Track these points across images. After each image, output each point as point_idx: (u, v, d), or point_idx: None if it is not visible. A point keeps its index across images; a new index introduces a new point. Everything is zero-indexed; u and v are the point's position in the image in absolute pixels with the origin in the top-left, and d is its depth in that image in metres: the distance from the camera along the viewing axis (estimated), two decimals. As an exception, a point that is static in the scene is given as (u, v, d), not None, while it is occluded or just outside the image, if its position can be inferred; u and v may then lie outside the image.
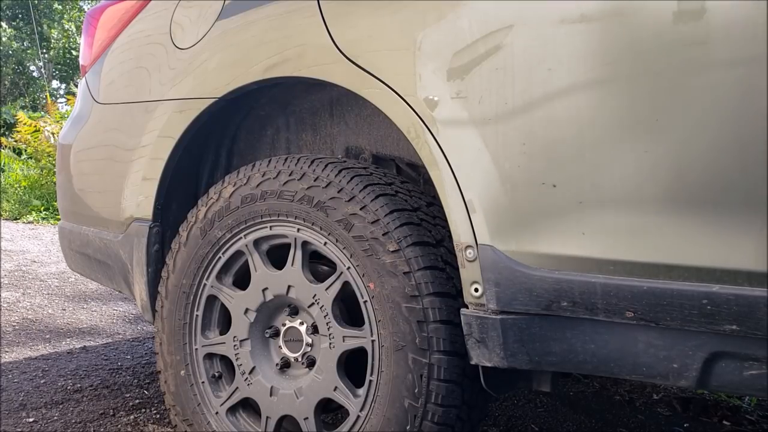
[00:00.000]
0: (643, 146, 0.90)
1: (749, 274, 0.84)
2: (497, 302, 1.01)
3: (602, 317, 0.94)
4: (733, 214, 0.85)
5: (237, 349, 1.35)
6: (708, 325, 0.86)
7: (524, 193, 1.00)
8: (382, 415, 1.15)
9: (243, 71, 1.36)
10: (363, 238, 1.16)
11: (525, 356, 1.02)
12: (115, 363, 2.26)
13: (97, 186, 1.80)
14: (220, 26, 1.45)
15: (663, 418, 2.00)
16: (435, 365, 1.10)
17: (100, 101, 1.81)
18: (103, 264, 1.77)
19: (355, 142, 1.55)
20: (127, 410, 1.84)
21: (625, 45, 0.91)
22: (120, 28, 1.75)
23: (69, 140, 1.92)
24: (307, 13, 1.27)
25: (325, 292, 1.23)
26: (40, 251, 4.64)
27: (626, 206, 0.92)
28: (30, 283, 3.53)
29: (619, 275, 0.92)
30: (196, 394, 1.40)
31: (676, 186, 0.88)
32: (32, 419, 1.74)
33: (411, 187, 1.27)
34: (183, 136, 1.48)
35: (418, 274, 1.11)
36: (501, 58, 1.01)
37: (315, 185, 1.23)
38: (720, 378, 0.90)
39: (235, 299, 1.36)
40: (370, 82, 1.16)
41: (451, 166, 1.05)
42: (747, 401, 2.13)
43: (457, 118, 1.05)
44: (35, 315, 2.89)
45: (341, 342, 1.21)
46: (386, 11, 1.16)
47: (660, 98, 0.89)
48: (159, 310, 1.47)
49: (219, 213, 1.36)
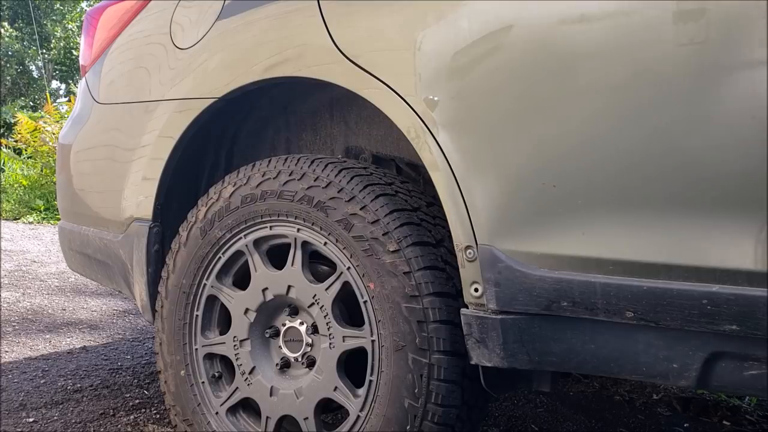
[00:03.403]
0: (643, 146, 0.90)
1: (749, 274, 0.84)
2: (497, 302, 1.01)
3: (602, 317, 0.94)
4: (733, 214, 0.85)
5: (237, 349, 1.35)
6: (708, 325, 0.86)
7: (524, 193, 1.00)
8: (382, 415, 1.15)
9: (243, 71, 1.36)
10: (363, 238, 1.16)
11: (525, 356, 1.02)
12: (115, 363, 2.26)
13: (97, 186, 1.80)
14: (220, 26, 1.45)
15: (663, 418, 2.00)
16: (435, 365, 1.10)
17: (100, 101, 1.81)
18: (103, 264, 1.77)
19: (355, 142, 1.55)
20: (127, 410, 1.84)
21: (626, 45, 0.91)
22: (120, 28, 1.75)
23: (69, 140, 1.92)
24: (307, 13, 1.27)
25: (325, 292, 1.23)
26: (40, 251, 4.64)
27: (626, 206, 0.92)
28: (30, 283, 3.53)
29: (619, 275, 0.92)
30: (196, 394, 1.40)
31: (677, 186, 0.88)
32: (32, 419, 1.74)
33: (411, 187, 1.27)
34: (183, 136, 1.48)
35: (418, 274, 1.11)
36: (501, 58, 1.01)
37: (315, 185, 1.23)
38: (720, 378, 0.90)
39: (235, 299, 1.36)
40: (370, 82, 1.16)
41: (451, 166, 1.05)
42: (747, 401, 2.13)
43: (458, 118, 1.05)
44: (35, 315, 2.89)
45: (341, 342, 1.21)
46: (386, 11, 1.16)
47: (660, 98, 0.89)
48: (159, 310, 1.47)
49: (219, 213, 1.36)
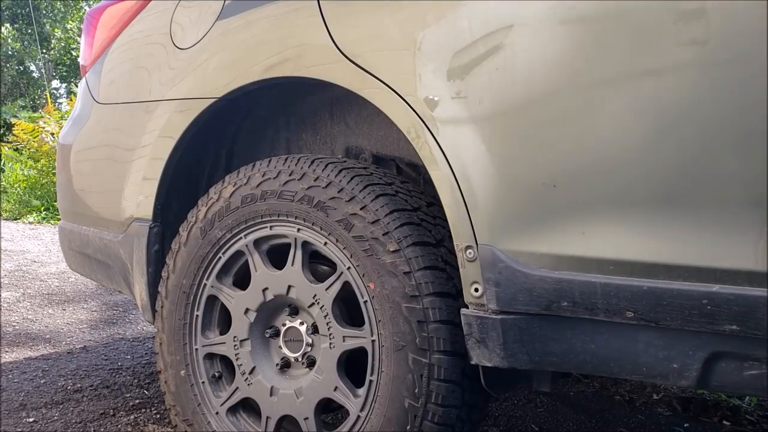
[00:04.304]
0: (644, 146, 0.90)
1: (749, 274, 0.84)
2: (497, 302, 1.01)
3: (602, 317, 0.94)
4: (733, 214, 0.85)
5: (237, 349, 1.35)
6: (708, 325, 0.86)
7: (524, 193, 1.00)
8: (382, 415, 1.15)
9: (243, 71, 1.36)
10: (363, 238, 1.16)
11: (525, 356, 1.02)
12: (115, 363, 2.26)
13: (97, 186, 1.80)
14: (220, 26, 1.45)
15: (663, 418, 2.00)
16: (435, 365, 1.10)
17: (100, 101, 1.81)
18: (103, 264, 1.77)
19: (355, 142, 1.55)
20: (127, 410, 1.84)
21: (626, 44, 0.91)
22: (120, 28, 1.75)
23: (69, 140, 1.92)
24: (307, 13, 1.27)
25: (325, 292, 1.23)
26: (40, 251, 4.63)
27: (626, 206, 0.92)
28: (30, 283, 3.53)
29: (619, 275, 0.92)
30: (197, 394, 1.40)
31: (677, 186, 0.88)
32: (32, 419, 1.74)
33: (411, 187, 1.27)
34: (183, 136, 1.48)
35: (418, 274, 1.11)
36: (501, 58, 1.01)
37: (315, 185, 1.23)
38: (720, 378, 0.90)
39: (236, 299, 1.36)
40: (370, 82, 1.16)
41: (451, 166, 1.05)
42: (747, 401, 2.13)
43: (458, 118, 1.05)
44: (35, 315, 2.89)
45: (341, 342, 1.21)
46: (386, 11, 1.16)
47: (661, 98, 0.89)
48: (159, 310, 1.47)
49: (219, 213, 1.36)
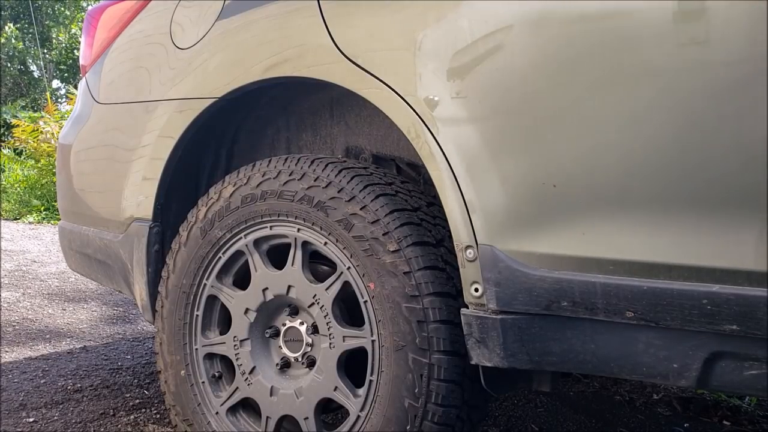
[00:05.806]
0: (644, 146, 0.90)
1: (749, 274, 0.84)
2: (497, 302, 1.01)
3: (602, 317, 0.94)
4: (733, 214, 0.85)
5: (237, 349, 1.35)
6: (708, 325, 0.86)
7: (524, 193, 1.00)
8: (382, 415, 1.15)
9: (243, 71, 1.36)
10: (363, 238, 1.16)
11: (525, 356, 1.02)
12: (115, 363, 2.26)
13: (97, 186, 1.80)
14: (220, 26, 1.45)
15: (663, 418, 2.00)
16: (435, 365, 1.10)
17: (100, 101, 1.81)
18: (103, 264, 1.77)
19: (355, 142, 1.55)
20: (127, 410, 1.84)
21: (626, 45, 0.91)
22: (120, 28, 1.75)
23: (69, 140, 1.92)
24: (307, 13, 1.27)
25: (325, 292, 1.23)
26: (40, 251, 4.63)
27: (626, 206, 0.92)
28: (30, 283, 3.53)
29: (619, 275, 0.92)
30: (196, 394, 1.40)
31: (676, 186, 0.88)
32: (32, 419, 1.74)
33: (411, 187, 1.27)
34: (183, 136, 1.48)
35: (418, 274, 1.11)
36: (501, 58, 1.01)
37: (315, 185, 1.23)
38: (720, 378, 0.90)
39: (236, 299, 1.36)
40: (370, 82, 1.16)
41: (451, 166, 1.05)
42: (747, 401, 2.13)
43: (458, 118, 1.05)
44: (35, 315, 2.89)
45: (341, 342, 1.21)
46: (386, 11, 1.16)
47: (660, 98, 0.89)
48: (159, 310, 1.47)
49: (219, 213, 1.36)
